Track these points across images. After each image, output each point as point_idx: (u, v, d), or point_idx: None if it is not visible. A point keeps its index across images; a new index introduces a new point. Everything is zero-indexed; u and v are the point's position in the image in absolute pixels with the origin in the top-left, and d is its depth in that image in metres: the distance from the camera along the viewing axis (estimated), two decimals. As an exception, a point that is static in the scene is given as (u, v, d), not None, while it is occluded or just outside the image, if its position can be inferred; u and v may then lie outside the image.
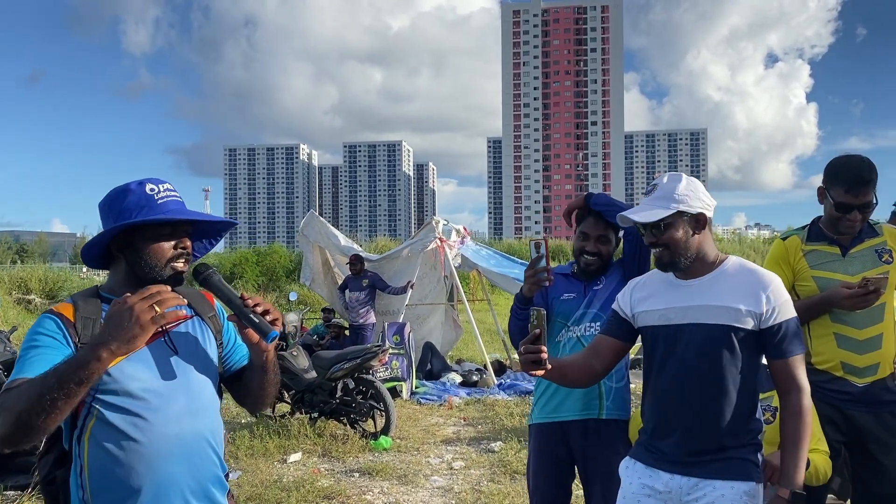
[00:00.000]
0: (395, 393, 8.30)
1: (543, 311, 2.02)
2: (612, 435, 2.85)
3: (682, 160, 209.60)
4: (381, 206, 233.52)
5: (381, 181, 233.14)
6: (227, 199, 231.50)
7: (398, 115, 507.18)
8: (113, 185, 1.91)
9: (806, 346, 2.92)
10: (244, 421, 7.41)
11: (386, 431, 6.68)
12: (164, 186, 1.85)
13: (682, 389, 2.13)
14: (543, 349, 2.00)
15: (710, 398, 2.11)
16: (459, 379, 9.74)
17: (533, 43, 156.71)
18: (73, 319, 1.76)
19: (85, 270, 36.57)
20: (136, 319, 1.52)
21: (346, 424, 6.92)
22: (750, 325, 2.09)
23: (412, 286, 9.66)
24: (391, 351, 8.87)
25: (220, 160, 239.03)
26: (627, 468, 2.28)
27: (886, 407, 2.84)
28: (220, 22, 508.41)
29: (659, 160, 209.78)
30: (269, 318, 1.84)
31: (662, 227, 2.13)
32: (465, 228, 10.75)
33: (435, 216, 10.36)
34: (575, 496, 3.12)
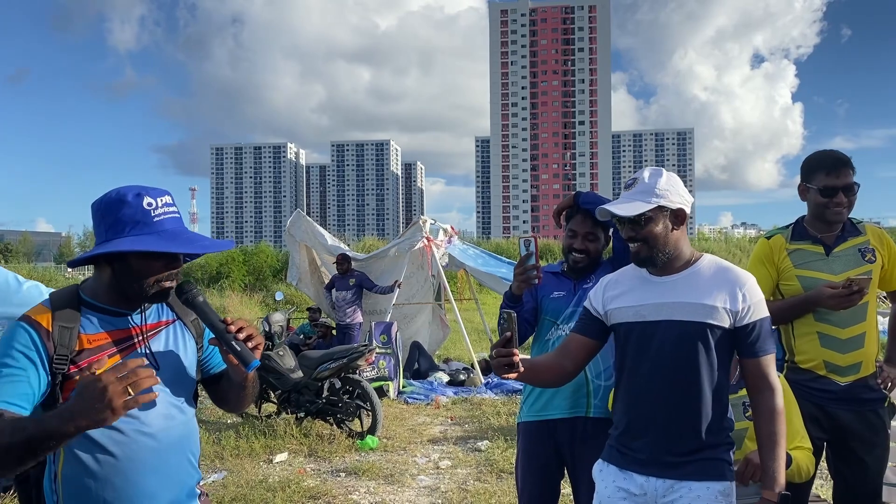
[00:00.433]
0: (381, 392, 8.28)
1: (514, 313, 2.01)
2: (600, 433, 2.84)
3: (668, 160, 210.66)
4: (369, 205, 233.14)
5: (369, 180, 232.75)
6: (213, 198, 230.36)
7: (386, 114, 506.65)
8: (98, 185, 1.88)
9: (790, 344, 2.95)
10: (230, 421, 7.37)
11: (372, 431, 6.66)
12: (162, 201, 1.78)
13: (656, 388, 2.12)
14: (515, 352, 1.99)
15: (684, 397, 2.09)
16: (447, 378, 9.74)
17: (521, 42, 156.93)
18: (49, 329, 1.71)
19: (70, 270, 36.26)
20: (108, 402, 1.48)
21: (332, 424, 6.90)
22: (726, 322, 2.08)
23: (399, 285, 9.64)
24: (378, 350, 8.86)
25: (206, 159, 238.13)
26: (601, 471, 2.26)
27: (868, 405, 2.86)
28: (206, 20, 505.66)
29: (646, 160, 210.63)
30: (251, 344, 1.80)
31: (643, 221, 2.12)
32: (452, 228, 10.74)
33: (422, 215, 10.34)
34: (564, 494, 3.12)
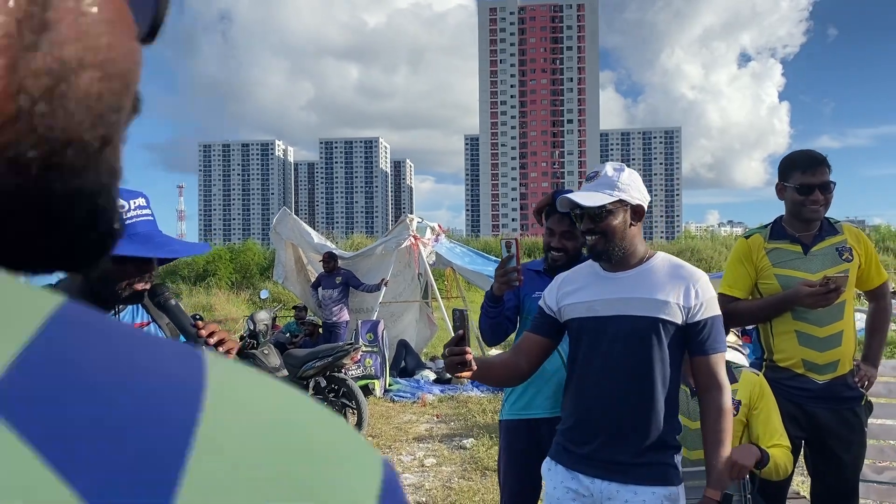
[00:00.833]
0: (367, 391, 8.28)
1: (466, 311, 2.02)
2: None
3: (656, 158, 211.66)
4: (357, 203, 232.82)
5: (357, 178, 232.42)
6: (201, 195, 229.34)
7: (375, 111, 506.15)
8: None
9: (768, 343, 2.98)
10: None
11: (358, 429, 6.66)
12: (135, 203, 1.75)
13: (606, 384, 2.11)
14: (468, 350, 1.98)
15: (635, 394, 2.08)
16: (433, 376, 9.75)
17: (510, 41, 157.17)
18: None
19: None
20: None
21: (318, 422, 6.89)
22: (678, 318, 2.07)
23: (386, 284, 9.64)
24: (365, 349, 8.85)
25: (194, 156, 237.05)
26: (550, 470, 2.25)
27: (846, 403, 2.89)
28: (194, 17, 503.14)
29: (634, 158, 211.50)
30: (222, 349, 1.79)
31: (603, 213, 2.12)
32: (439, 226, 10.76)
33: (409, 214, 10.35)
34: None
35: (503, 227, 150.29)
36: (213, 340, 1.78)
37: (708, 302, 2.09)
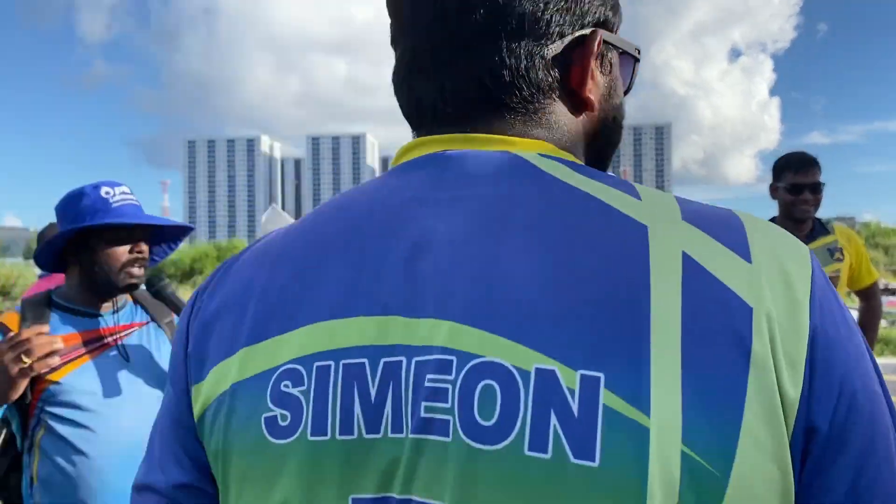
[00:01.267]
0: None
1: None
2: None
3: (646, 154, 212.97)
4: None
5: (345, 174, 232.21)
6: (186, 192, 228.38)
7: (363, 106, 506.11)
8: (68, 178, 1.91)
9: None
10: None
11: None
12: (119, 190, 1.83)
13: None
14: None
15: None
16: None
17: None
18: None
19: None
20: (7, 375, 1.51)
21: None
22: None
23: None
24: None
25: (179, 152, 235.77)
26: None
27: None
28: (179, 10, 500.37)
29: (624, 154, 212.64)
30: None
31: None
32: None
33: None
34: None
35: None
36: None
37: None
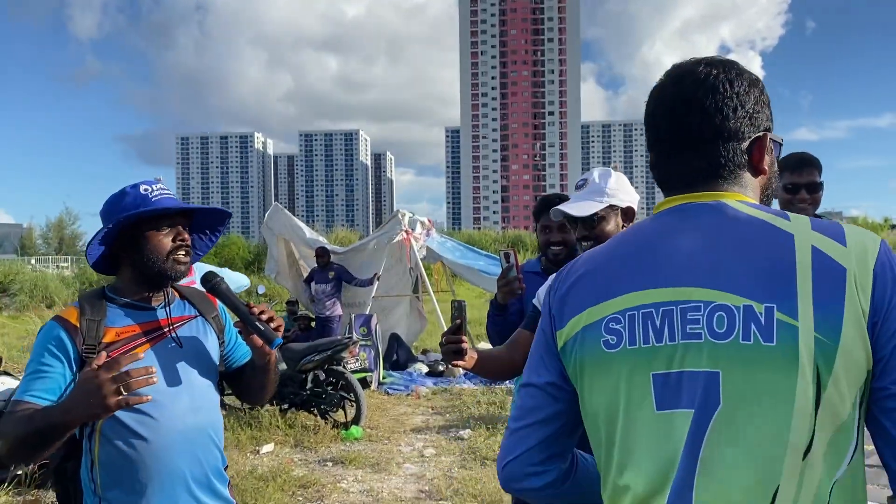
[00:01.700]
0: (364, 384, 8.41)
1: (464, 302, 2.11)
2: None
3: (637, 150, 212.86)
4: (338, 195, 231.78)
5: (338, 171, 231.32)
6: (179, 188, 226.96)
7: (355, 103, 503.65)
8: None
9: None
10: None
11: (357, 421, 6.79)
12: (157, 186, 1.95)
13: None
14: (464, 339, 2.07)
15: None
16: (426, 369, 9.90)
17: (490, 32, 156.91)
18: (77, 324, 1.83)
19: (33, 262, 35.55)
20: (101, 400, 1.55)
21: (316, 415, 7.01)
22: None
23: (378, 278, 9.75)
24: (359, 343, 8.97)
25: (171, 148, 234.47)
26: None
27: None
28: (170, 7, 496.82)
29: (615, 150, 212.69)
30: (273, 325, 1.94)
31: (595, 220, 2.21)
32: (429, 220, 10.88)
33: (400, 209, 10.46)
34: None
35: (484, 219, 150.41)
36: (264, 317, 1.93)
37: None
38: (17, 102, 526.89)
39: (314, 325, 10.23)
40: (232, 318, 2.11)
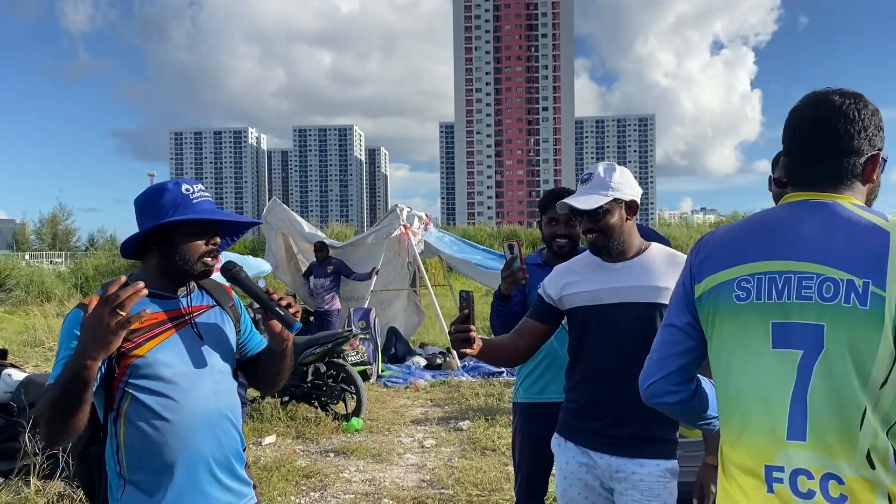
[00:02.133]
0: (364, 376, 8.49)
1: (472, 293, 2.18)
2: None
3: (630, 146, 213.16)
4: (332, 191, 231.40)
5: (332, 166, 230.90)
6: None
7: (349, 98, 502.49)
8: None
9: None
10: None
11: (357, 413, 6.88)
12: (197, 187, 2.01)
13: (616, 367, 2.25)
14: (472, 328, 2.14)
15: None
16: (424, 362, 9.99)
17: (485, 27, 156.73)
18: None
19: (27, 257, 35.45)
20: (104, 327, 1.63)
21: (317, 407, 7.10)
22: None
23: (377, 272, 9.83)
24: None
25: (165, 144, 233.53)
26: (560, 446, 2.45)
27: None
28: (163, 1, 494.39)
29: (608, 146, 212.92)
30: (291, 310, 2.03)
31: (600, 213, 2.29)
32: (426, 216, 10.96)
33: (399, 204, 10.53)
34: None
35: (478, 215, 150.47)
36: (283, 303, 2.02)
37: None
38: (7, 97, 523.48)
39: (313, 319, 10.30)
40: (242, 302, 2.19)
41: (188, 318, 2.02)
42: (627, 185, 2.34)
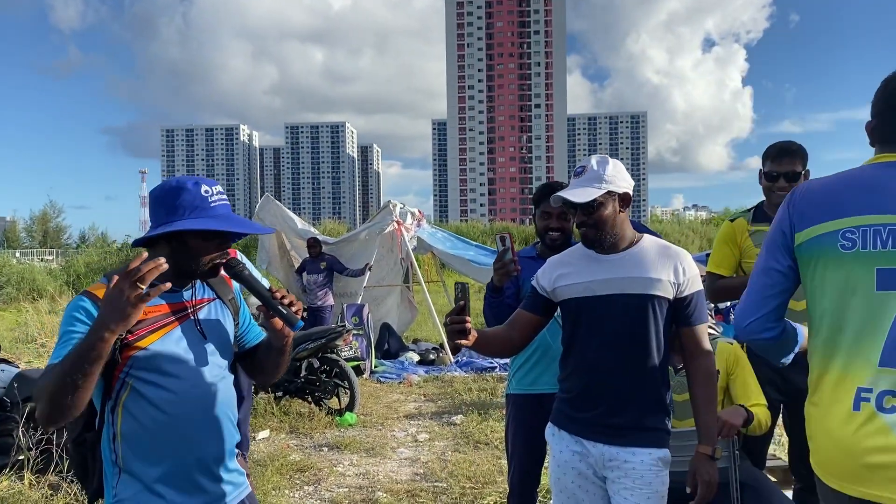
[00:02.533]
0: (358, 371, 8.51)
1: (468, 285, 2.20)
2: None
3: (622, 143, 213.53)
4: (324, 188, 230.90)
5: (324, 163, 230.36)
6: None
7: (341, 95, 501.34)
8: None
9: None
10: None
11: (351, 408, 6.90)
12: (216, 189, 2.00)
13: (609, 357, 2.29)
14: (468, 319, 2.17)
15: (634, 365, 2.29)
16: (417, 358, 10.01)
17: (477, 24, 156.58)
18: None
19: (18, 255, 35.31)
20: (126, 300, 1.66)
21: (310, 402, 7.11)
22: (670, 294, 2.30)
23: (370, 268, 9.84)
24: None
25: (156, 141, 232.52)
26: (554, 435, 2.48)
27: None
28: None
29: (600, 143, 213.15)
30: (293, 309, 2.04)
31: (594, 206, 2.31)
32: (419, 212, 10.97)
33: (392, 200, 10.54)
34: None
35: (471, 212, 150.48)
36: (286, 301, 2.03)
37: (693, 278, 2.33)
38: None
39: (306, 315, 10.31)
40: (245, 296, 2.20)
41: (191, 311, 2.03)
42: (620, 177, 2.36)
